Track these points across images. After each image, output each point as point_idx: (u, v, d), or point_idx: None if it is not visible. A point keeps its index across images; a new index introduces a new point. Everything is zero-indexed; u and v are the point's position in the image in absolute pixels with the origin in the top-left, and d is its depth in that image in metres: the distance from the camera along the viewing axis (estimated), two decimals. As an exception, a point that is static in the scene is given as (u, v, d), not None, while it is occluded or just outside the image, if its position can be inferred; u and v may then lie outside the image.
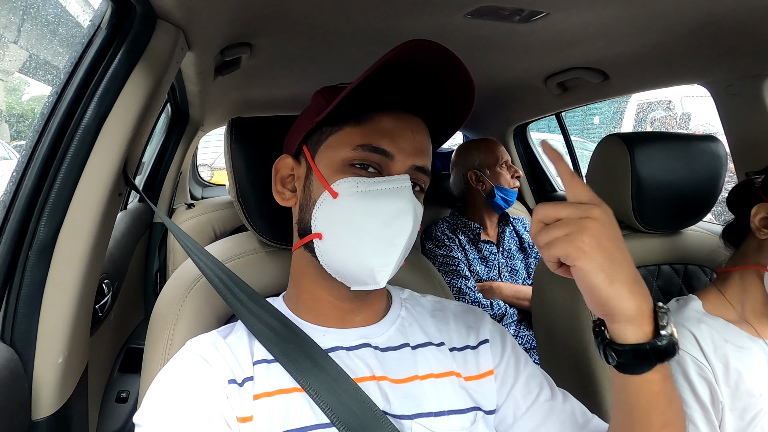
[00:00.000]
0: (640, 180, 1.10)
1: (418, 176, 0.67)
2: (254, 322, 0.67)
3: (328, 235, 0.64)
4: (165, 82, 0.89)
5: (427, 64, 0.63)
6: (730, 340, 0.91)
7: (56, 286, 0.77)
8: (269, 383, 0.63)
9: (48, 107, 0.76)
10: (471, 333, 0.74)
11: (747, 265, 0.94)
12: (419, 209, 0.66)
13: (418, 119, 0.68)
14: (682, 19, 1.11)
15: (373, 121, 0.65)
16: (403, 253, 0.63)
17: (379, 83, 0.64)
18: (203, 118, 2.12)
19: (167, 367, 0.62)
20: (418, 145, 0.66)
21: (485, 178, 1.84)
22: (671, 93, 5.13)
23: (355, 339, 0.69)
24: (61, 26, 0.94)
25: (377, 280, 0.62)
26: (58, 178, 0.76)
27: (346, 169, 0.64)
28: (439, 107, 0.69)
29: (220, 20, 1.01)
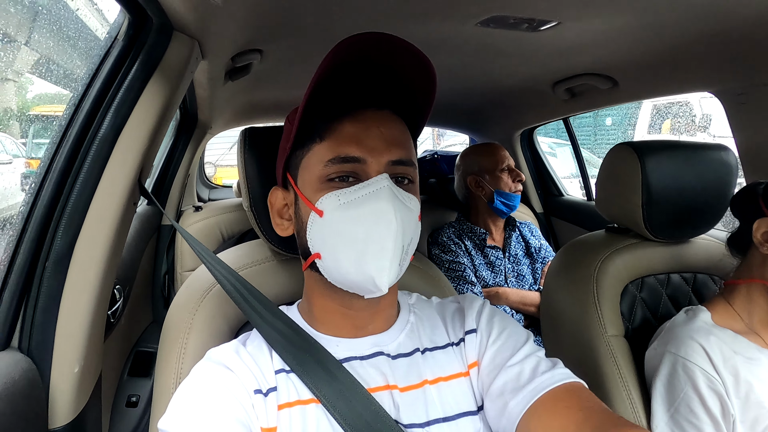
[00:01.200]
0: (651, 188, 1.10)
1: (399, 170, 0.66)
2: (269, 331, 0.68)
3: (325, 252, 0.64)
4: (179, 92, 0.90)
5: (374, 55, 0.62)
6: (740, 352, 0.91)
7: (72, 295, 0.78)
8: (289, 394, 0.63)
9: (66, 118, 0.77)
10: (462, 324, 0.74)
11: (753, 278, 0.95)
12: (411, 202, 0.65)
13: (384, 112, 0.67)
14: (691, 27, 1.11)
15: (335, 131, 0.64)
16: (398, 254, 0.62)
17: (338, 89, 0.64)
18: (211, 121, 2.12)
19: (192, 375, 0.63)
20: (389, 138, 0.65)
21: (485, 183, 1.83)
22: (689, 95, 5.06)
23: (368, 348, 0.69)
24: (81, 40, 0.95)
25: (378, 286, 0.61)
26: (75, 188, 0.77)
27: (325, 185, 0.64)
28: (406, 94, 0.68)
29: (233, 29, 1.02)
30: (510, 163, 1.85)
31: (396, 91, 0.68)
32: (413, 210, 0.65)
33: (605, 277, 1.13)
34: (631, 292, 1.15)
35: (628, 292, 1.15)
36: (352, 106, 0.65)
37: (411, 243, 0.66)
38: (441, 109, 2.42)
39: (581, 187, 2.47)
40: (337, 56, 0.59)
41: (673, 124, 5.76)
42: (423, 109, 0.70)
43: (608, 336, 1.07)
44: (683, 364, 0.92)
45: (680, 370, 0.92)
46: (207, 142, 2.75)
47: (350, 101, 0.65)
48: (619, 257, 1.16)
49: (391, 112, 0.68)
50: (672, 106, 5.55)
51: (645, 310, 1.15)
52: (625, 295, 1.14)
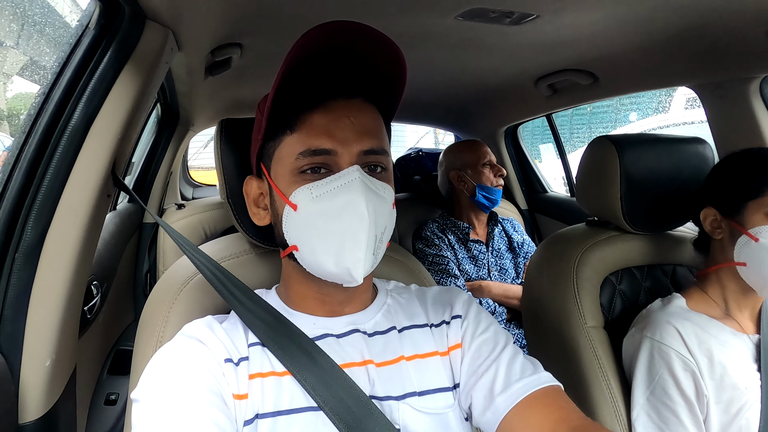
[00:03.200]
0: (629, 181, 1.11)
1: (370, 159, 0.66)
2: (247, 315, 0.68)
3: (302, 245, 0.65)
4: (154, 83, 0.89)
5: (342, 43, 0.62)
6: (714, 335, 0.93)
7: (43, 288, 0.77)
8: (263, 365, 0.64)
9: (35, 108, 0.75)
10: (446, 309, 0.76)
11: (719, 263, 0.99)
12: (385, 191, 0.65)
13: (355, 101, 0.66)
14: (669, 21, 1.13)
15: (306, 123, 0.64)
16: (372, 244, 0.63)
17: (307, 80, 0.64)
18: (193, 118, 2.10)
19: (164, 348, 0.64)
20: (360, 128, 0.64)
21: (467, 177, 1.86)
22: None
23: (343, 326, 0.70)
24: (49, 26, 0.93)
25: (354, 277, 0.62)
26: (45, 179, 0.75)
27: (297, 178, 0.64)
28: (376, 81, 0.68)
29: (210, 20, 1.01)
30: (492, 159, 1.88)
31: (366, 78, 0.67)
32: (386, 198, 0.66)
33: (585, 269, 1.14)
34: (610, 284, 1.16)
35: (607, 284, 1.15)
36: (323, 96, 0.65)
37: (385, 231, 0.66)
38: (425, 107, 2.42)
39: (564, 183, 2.49)
40: (306, 45, 0.59)
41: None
42: (394, 94, 0.70)
43: (588, 327, 1.08)
44: (659, 347, 0.93)
45: (656, 353, 0.94)
46: (190, 140, 2.72)
47: (320, 91, 0.65)
48: (599, 250, 1.17)
49: (362, 100, 0.67)
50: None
51: (624, 302, 1.16)
52: (604, 287, 1.15)
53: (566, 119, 4.88)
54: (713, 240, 1.01)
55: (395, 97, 0.71)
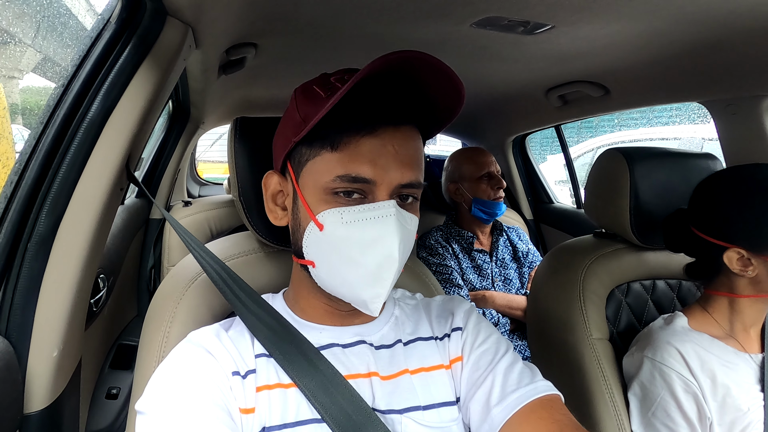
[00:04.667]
0: (638, 195, 1.11)
1: (406, 191, 0.65)
2: (253, 320, 0.68)
3: (320, 264, 0.64)
4: (171, 79, 0.89)
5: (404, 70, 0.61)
6: (717, 355, 0.92)
7: (54, 279, 0.77)
8: (269, 377, 0.64)
9: (54, 99, 0.76)
10: (448, 321, 0.76)
11: (741, 294, 0.94)
12: (411, 223, 0.65)
13: (403, 129, 0.64)
14: (683, 36, 1.13)
15: (350, 146, 0.61)
16: (395, 279, 0.63)
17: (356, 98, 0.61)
18: (204, 116, 2.11)
19: (170, 357, 0.63)
20: (403, 159, 0.63)
21: (463, 190, 1.84)
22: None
23: (350, 336, 0.70)
24: (72, 19, 0.94)
25: (371, 309, 0.63)
26: (60, 170, 0.76)
27: (329, 197, 0.63)
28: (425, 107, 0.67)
29: (228, 19, 1.01)
30: (493, 169, 1.84)
31: (418, 107, 0.66)
32: (413, 231, 0.66)
33: (592, 281, 1.14)
34: (616, 296, 1.16)
35: (613, 297, 1.15)
36: (372, 121, 0.62)
37: (405, 260, 0.66)
38: (434, 113, 2.42)
39: (571, 195, 2.49)
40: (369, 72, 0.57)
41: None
42: (441, 123, 0.69)
43: (593, 339, 1.08)
44: (660, 368, 0.92)
45: (657, 374, 0.93)
46: (199, 138, 2.74)
47: (371, 116, 0.62)
48: (605, 262, 1.17)
49: (410, 127, 0.65)
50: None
51: (630, 315, 1.16)
52: (610, 300, 1.15)
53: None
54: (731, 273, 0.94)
55: (440, 126, 0.70)
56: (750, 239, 0.90)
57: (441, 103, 0.66)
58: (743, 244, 0.90)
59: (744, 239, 0.90)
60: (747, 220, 0.90)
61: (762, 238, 0.89)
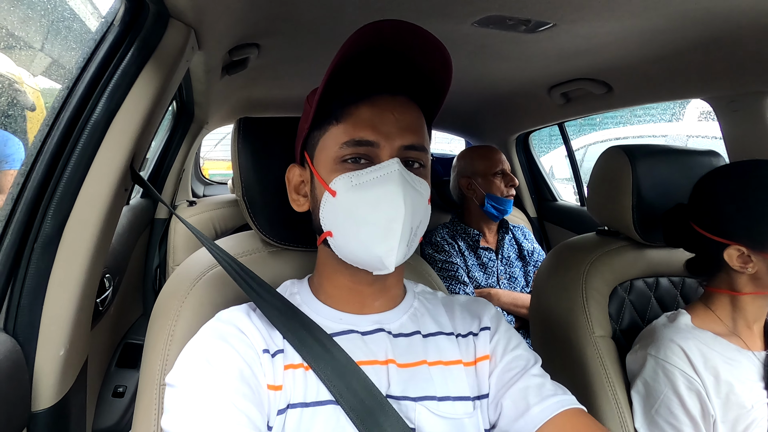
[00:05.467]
0: (641, 192, 1.11)
1: (410, 154, 0.68)
2: (268, 308, 0.70)
3: (337, 231, 0.67)
4: (174, 81, 0.90)
5: (391, 42, 0.65)
6: (720, 353, 0.92)
7: (60, 278, 0.78)
8: (294, 357, 0.66)
9: (59, 101, 0.77)
10: (474, 321, 0.76)
11: (742, 291, 0.94)
12: (421, 186, 0.67)
13: (401, 98, 0.69)
14: (685, 33, 1.13)
15: (352, 115, 0.67)
16: (406, 235, 0.64)
17: (355, 74, 0.67)
18: (208, 116, 2.12)
19: (201, 333, 0.65)
20: (402, 124, 0.67)
21: (476, 186, 1.84)
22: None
23: (369, 324, 0.72)
24: (76, 22, 0.95)
25: (386, 265, 0.64)
26: (66, 171, 0.77)
27: (339, 166, 0.67)
28: (421, 81, 0.70)
29: (230, 20, 1.02)
30: (505, 167, 1.85)
31: (411, 78, 0.70)
32: (423, 193, 0.68)
33: (594, 279, 1.14)
34: (619, 294, 1.16)
35: (616, 295, 1.15)
36: (369, 91, 0.68)
37: (420, 225, 0.68)
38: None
39: (575, 193, 2.49)
40: (356, 42, 0.62)
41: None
42: (437, 95, 0.72)
43: (596, 337, 1.08)
44: (663, 366, 0.92)
45: (660, 372, 0.93)
46: (203, 138, 2.75)
47: (367, 86, 0.68)
48: (608, 260, 1.17)
49: (406, 98, 0.70)
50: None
51: (633, 313, 1.16)
52: (613, 298, 1.15)
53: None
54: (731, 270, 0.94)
55: (438, 99, 0.73)
56: (750, 236, 0.90)
57: (432, 73, 0.69)
58: (743, 241, 0.90)
59: (744, 236, 0.90)
60: (747, 217, 0.90)
61: (762, 235, 0.89)
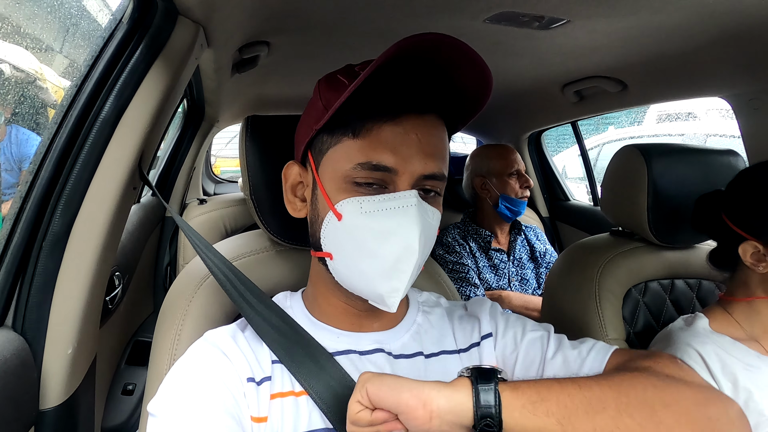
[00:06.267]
0: (657, 192, 1.09)
1: (429, 183, 0.62)
2: (260, 323, 0.66)
3: (337, 256, 0.62)
4: (183, 78, 0.90)
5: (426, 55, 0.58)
6: (739, 358, 0.89)
7: (68, 277, 0.78)
8: (283, 384, 0.62)
9: (67, 99, 0.77)
10: (474, 329, 0.72)
11: (756, 296, 0.92)
12: (434, 218, 0.63)
13: (427, 117, 0.62)
14: (703, 29, 1.10)
15: (372, 133, 0.60)
16: (414, 273, 0.60)
17: (379, 84, 0.59)
18: (218, 114, 2.13)
19: (185, 358, 0.62)
20: (427, 149, 0.60)
21: (491, 186, 1.81)
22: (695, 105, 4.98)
23: (369, 344, 0.68)
24: (84, 19, 0.95)
25: (388, 305, 0.60)
26: (74, 169, 0.76)
27: (349, 186, 0.61)
28: (450, 95, 0.64)
29: (239, 18, 1.01)
30: (520, 168, 1.83)
31: (443, 95, 0.63)
32: (435, 225, 0.63)
33: (608, 280, 1.12)
34: (634, 296, 1.13)
35: (631, 297, 1.13)
36: (395, 108, 0.60)
37: (426, 256, 0.64)
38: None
39: (588, 192, 2.45)
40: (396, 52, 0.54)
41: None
42: (468, 114, 0.67)
43: (609, 339, 1.06)
44: None
45: None
46: (214, 136, 2.76)
47: (394, 103, 0.60)
48: (622, 261, 1.15)
49: (434, 116, 0.63)
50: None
51: (648, 316, 1.13)
52: (627, 300, 1.13)
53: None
54: (746, 269, 0.93)
55: (466, 118, 0.68)
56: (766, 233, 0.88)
57: (469, 92, 0.63)
58: (762, 239, 0.89)
59: (763, 234, 0.89)
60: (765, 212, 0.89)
61: None
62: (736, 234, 0.92)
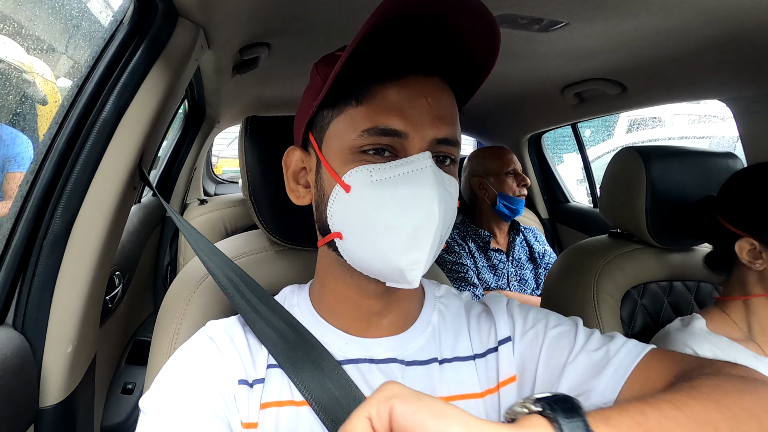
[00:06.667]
0: (655, 194, 1.09)
1: (443, 149, 0.57)
2: (261, 326, 0.62)
3: (348, 233, 0.56)
4: (183, 79, 0.90)
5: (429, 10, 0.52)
6: (736, 359, 0.89)
7: (68, 276, 0.78)
8: (281, 392, 0.58)
9: (68, 100, 0.77)
10: (491, 331, 0.66)
11: (753, 294, 0.93)
12: (451, 186, 0.57)
13: (433, 78, 0.57)
14: (703, 32, 1.10)
15: (377, 97, 0.55)
16: (435, 244, 0.54)
17: (380, 46, 0.54)
18: (219, 115, 2.13)
19: (181, 351, 0.59)
20: (437, 112, 0.56)
21: (488, 185, 1.83)
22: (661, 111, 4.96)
23: (382, 351, 0.62)
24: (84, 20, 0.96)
25: (409, 280, 0.54)
26: (74, 170, 0.77)
27: (356, 156, 0.55)
28: (458, 58, 0.58)
29: (240, 19, 1.02)
30: (516, 167, 1.84)
31: (449, 56, 0.58)
32: (454, 195, 0.58)
33: (606, 282, 1.12)
34: (632, 298, 1.13)
35: (629, 298, 1.13)
36: (400, 69, 0.56)
37: (447, 231, 0.58)
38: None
39: (587, 194, 2.46)
40: (389, 9, 0.49)
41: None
42: (476, 78, 0.61)
43: (606, 341, 1.06)
44: None
45: None
46: (215, 137, 2.76)
47: (398, 63, 0.56)
48: (621, 262, 1.15)
49: (440, 80, 0.58)
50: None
51: (646, 317, 1.14)
52: (626, 301, 1.13)
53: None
54: (743, 267, 0.94)
55: (475, 82, 0.62)
56: (765, 231, 0.90)
57: (477, 55, 0.57)
58: (757, 236, 0.90)
59: (759, 231, 0.90)
60: (763, 211, 0.90)
61: None
62: (732, 233, 0.93)
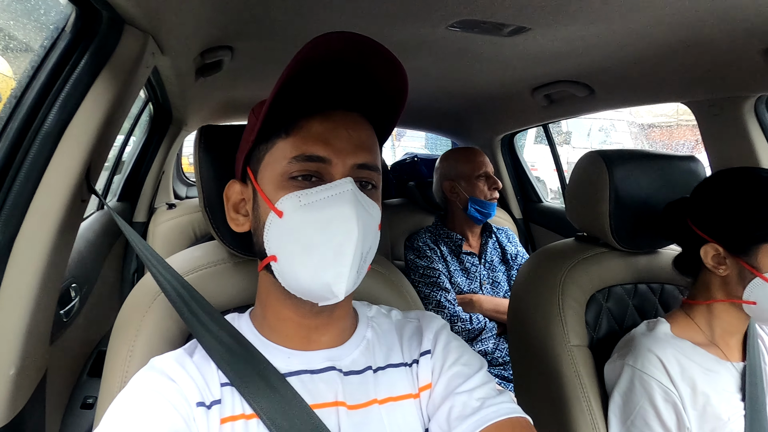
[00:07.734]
0: (618, 198, 1.10)
1: (364, 174, 0.64)
2: (210, 341, 0.65)
3: (282, 256, 0.62)
4: (133, 88, 0.87)
5: (347, 56, 0.60)
6: (698, 363, 0.91)
7: (10, 295, 0.75)
8: (234, 407, 0.61)
9: (7, 110, 0.74)
10: (418, 344, 0.72)
11: (715, 299, 0.94)
12: (372, 209, 0.63)
13: (353, 115, 0.65)
14: (661, 37, 1.11)
15: (303, 129, 0.62)
16: (357, 260, 0.60)
17: (308, 87, 0.61)
18: (187, 117, 2.09)
19: (131, 386, 0.59)
20: (356, 141, 0.63)
21: (459, 189, 1.81)
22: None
23: (321, 362, 0.66)
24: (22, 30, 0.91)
25: (335, 293, 0.59)
26: (15, 183, 0.74)
27: (287, 183, 0.62)
28: (376, 98, 0.66)
29: (195, 24, 0.99)
30: (488, 170, 1.83)
31: (366, 94, 0.65)
32: (374, 217, 0.64)
33: (571, 286, 1.12)
34: (597, 301, 1.14)
35: (594, 302, 1.14)
36: (322, 105, 0.63)
37: (370, 251, 0.64)
38: (421, 112, 2.41)
39: (559, 195, 2.48)
40: (309, 54, 0.57)
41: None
42: (392, 114, 0.69)
43: (571, 346, 1.06)
44: (640, 376, 0.91)
45: (637, 382, 0.91)
46: (184, 139, 2.71)
47: (320, 100, 0.63)
48: (586, 266, 1.15)
49: (360, 115, 0.66)
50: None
51: (611, 320, 1.14)
52: (591, 305, 1.13)
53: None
54: (708, 272, 0.95)
55: (392, 117, 0.69)
56: (729, 238, 0.90)
57: (388, 90, 0.65)
58: (722, 242, 0.91)
59: (723, 237, 0.91)
60: (731, 219, 0.90)
61: (740, 239, 0.89)
62: (699, 237, 0.94)
